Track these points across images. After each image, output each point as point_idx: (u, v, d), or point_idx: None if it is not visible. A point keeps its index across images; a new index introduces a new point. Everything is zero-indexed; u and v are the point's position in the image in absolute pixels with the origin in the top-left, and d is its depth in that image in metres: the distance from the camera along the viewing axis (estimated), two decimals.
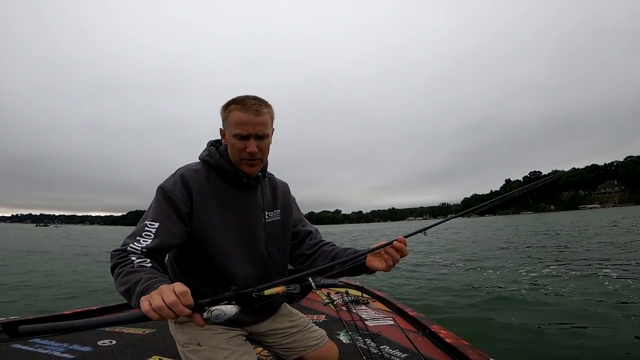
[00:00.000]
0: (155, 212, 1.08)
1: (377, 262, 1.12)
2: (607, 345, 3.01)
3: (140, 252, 0.99)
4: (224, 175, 1.20)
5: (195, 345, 1.12)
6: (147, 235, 1.03)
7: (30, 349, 2.11)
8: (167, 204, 1.09)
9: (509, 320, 3.83)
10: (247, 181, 1.21)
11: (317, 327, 1.41)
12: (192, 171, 1.17)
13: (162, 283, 0.85)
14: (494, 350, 3.01)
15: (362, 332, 2.23)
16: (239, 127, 1.11)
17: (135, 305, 0.85)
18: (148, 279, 0.88)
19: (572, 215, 62.79)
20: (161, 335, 2.37)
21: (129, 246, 1.00)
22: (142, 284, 0.87)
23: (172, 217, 1.08)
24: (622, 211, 58.80)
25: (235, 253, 1.18)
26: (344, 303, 2.93)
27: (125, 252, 0.99)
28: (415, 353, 1.90)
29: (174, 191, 1.10)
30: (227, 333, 1.17)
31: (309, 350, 1.30)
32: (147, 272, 0.93)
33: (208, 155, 1.21)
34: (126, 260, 0.97)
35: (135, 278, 0.90)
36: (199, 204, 1.13)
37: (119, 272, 0.95)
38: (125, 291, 0.90)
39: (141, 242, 1.01)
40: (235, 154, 1.15)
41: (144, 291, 0.85)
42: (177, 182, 1.13)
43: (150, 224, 1.05)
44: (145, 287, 0.85)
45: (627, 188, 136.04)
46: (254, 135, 1.12)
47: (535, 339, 3.24)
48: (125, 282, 0.91)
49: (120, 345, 2.19)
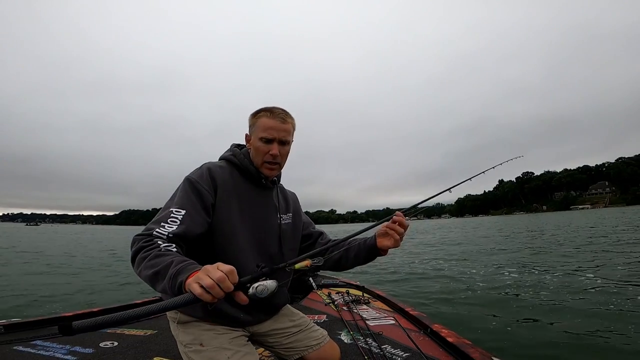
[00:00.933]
0: (182, 200, 1.11)
1: (386, 241, 1.22)
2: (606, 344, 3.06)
3: (166, 237, 0.99)
4: (246, 174, 1.28)
5: (197, 346, 1.12)
6: (172, 221, 1.04)
7: (33, 350, 2.11)
8: (193, 193, 1.13)
9: (509, 319, 3.87)
10: (265, 182, 1.29)
11: (318, 327, 1.42)
12: (218, 166, 1.24)
13: (194, 265, 0.86)
14: (496, 348, 3.05)
15: (364, 331, 2.25)
16: (266, 131, 1.21)
17: (166, 288, 0.85)
18: (180, 262, 0.87)
19: (561, 215, 63.51)
20: (163, 336, 2.37)
21: (154, 231, 1.00)
22: (174, 266, 0.86)
23: (197, 206, 1.11)
24: (610, 212, 59.60)
25: (249, 249, 1.22)
26: (345, 303, 2.96)
27: (151, 237, 0.99)
28: (416, 352, 1.92)
29: (200, 182, 1.15)
30: (229, 333, 1.17)
31: (310, 350, 1.31)
32: (175, 255, 0.92)
33: (232, 155, 1.30)
34: (152, 244, 0.96)
35: (166, 261, 0.88)
36: (222, 197, 1.18)
37: (144, 255, 0.93)
38: (154, 274, 0.88)
39: (166, 227, 1.01)
40: (259, 157, 1.24)
41: (177, 273, 0.83)
42: (204, 173, 1.18)
43: (176, 211, 1.07)
44: (178, 270, 0.84)
45: (618, 189, 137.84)
46: (278, 140, 1.23)
47: (535, 338, 3.28)
48: (153, 265, 0.90)
49: (122, 346, 2.19)
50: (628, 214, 41.50)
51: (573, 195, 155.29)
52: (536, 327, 3.56)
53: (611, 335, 3.25)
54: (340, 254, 1.32)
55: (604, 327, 3.45)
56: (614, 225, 20.33)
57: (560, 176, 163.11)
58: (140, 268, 0.92)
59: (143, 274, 0.91)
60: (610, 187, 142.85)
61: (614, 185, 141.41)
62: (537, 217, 62.60)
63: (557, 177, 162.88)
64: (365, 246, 1.27)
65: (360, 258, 1.30)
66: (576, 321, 3.68)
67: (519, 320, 3.82)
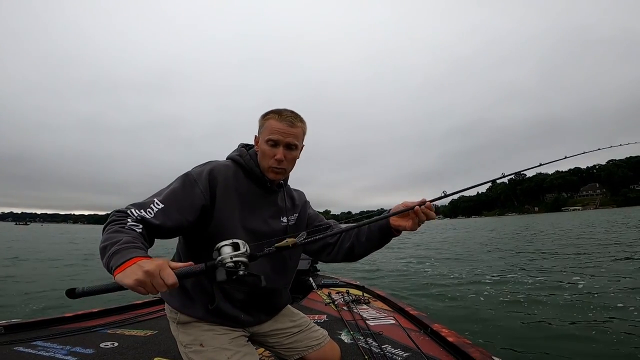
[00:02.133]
0: (168, 195, 1.08)
1: (403, 222, 1.13)
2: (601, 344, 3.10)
3: (135, 218, 1.00)
4: (251, 175, 1.24)
5: (197, 346, 1.12)
6: (149, 211, 1.03)
7: (33, 351, 2.10)
8: (183, 190, 1.10)
9: (508, 320, 3.91)
10: (270, 185, 1.26)
11: (318, 327, 1.42)
12: (222, 165, 1.21)
13: (137, 250, 0.85)
14: (495, 348, 3.08)
15: (364, 331, 2.26)
16: (272, 133, 1.17)
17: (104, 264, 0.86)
18: (126, 242, 0.87)
19: (551, 217, 64.19)
20: (163, 336, 2.36)
21: (129, 210, 1.01)
22: (118, 244, 0.86)
23: (180, 204, 1.08)
24: (599, 214, 60.43)
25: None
26: (345, 303, 2.97)
27: (124, 214, 1.00)
28: (417, 352, 1.93)
29: (197, 180, 1.12)
30: (229, 334, 1.17)
31: (310, 350, 1.30)
32: (131, 235, 0.92)
33: (239, 155, 1.26)
34: (121, 221, 0.97)
35: (117, 238, 0.89)
36: (221, 197, 1.15)
37: (109, 228, 0.95)
38: (102, 248, 0.88)
39: (142, 212, 1.01)
40: (265, 160, 1.20)
41: (116, 252, 0.83)
42: (204, 173, 1.15)
43: (157, 203, 1.05)
44: (117, 250, 0.84)
45: (609, 191, 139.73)
46: (284, 144, 1.19)
47: (535, 337, 3.32)
48: (107, 238, 0.90)
49: (122, 347, 2.19)
50: (616, 216, 42.04)
51: (564, 196, 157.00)
52: (536, 328, 3.60)
53: (610, 334, 3.30)
54: (351, 241, 1.27)
55: (603, 327, 3.50)
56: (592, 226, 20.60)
57: (552, 178, 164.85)
58: (102, 239, 0.92)
59: (100, 245, 0.90)
60: (600, 189, 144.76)
61: (604, 187, 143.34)
62: (528, 219, 63.22)
63: (549, 179, 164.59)
64: (377, 227, 1.20)
65: (374, 241, 1.23)
66: (576, 321, 3.72)
67: (519, 321, 3.86)
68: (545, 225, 29.26)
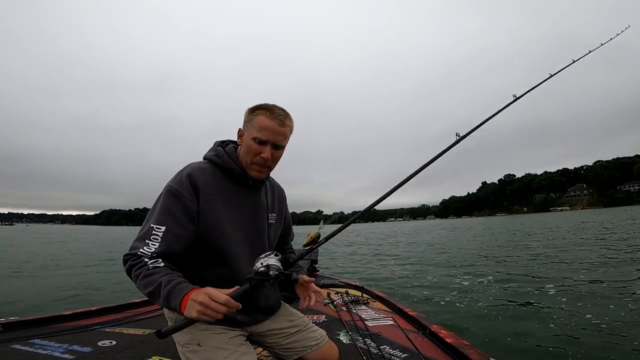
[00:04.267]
0: (161, 215, 1.08)
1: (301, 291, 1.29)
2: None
3: (149, 256, 1.04)
4: (231, 175, 1.22)
5: (195, 346, 1.11)
6: (154, 239, 1.05)
7: (30, 349, 2.08)
8: (174, 205, 1.10)
9: (507, 320, 3.95)
10: (252, 182, 1.23)
11: (317, 327, 1.40)
12: (198, 169, 1.17)
13: (180, 284, 0.97)
14: (493, 349, 3.10)
15: (362, 332, 2.26)
16: (261, 131, 1.14)
17: (163, 305, 0.99)
18: (168, 282, 0.97)
19: (539, 217, 65.11)
20: None
21: (139, 250, 1.04)
22: (164, 287, 0.96)
23: (178, 218, 1.09)
24: (584, 214, 61.54)
25: (241, 252, 1.20)
26: (344, 303, 2.98)
27: (137, 256, 1.04)
28: (415, 353, 1.93)
29: (181, 190, 1.11)
30: (227, 333, 1.17)
31: (309, 351, 1.29)
32: (163, 273, 1.01)
33: (216, 155, 1.23)
34: (140, 263, 1.02)
35: (155, 282, 0.98)
36: (205, 201, 1.14)
37: (137, 274, 1.01)
38: (149, 294, 0.99)
39: (150, 246, 1.05)
40: (248, 156, 1.18)
41: (168, 295, 0.94)
42: (184, 180, 1.13)
43: (157, 228, 1.06)
44: (168, 291, 0.95)
45: (596, 191, 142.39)
46: (272, 143, 1.16)
47: (534, 338, 3.34)
48: (146, 284, 0.99)
49: (120, 345, 2.18)
50: (602, 216, 42.83)
51: (552, 197, 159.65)
52: (535, 329, 3.62)
53: (610, 334, 3.34)
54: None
55: (603, 327, 3.54)
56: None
57: (540, 179, 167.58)
58: (137, 286, 1.01)
59: (143, 292, 1.01)
60: (588, 190, 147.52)
61: (591, 188, 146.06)
62: (517, 219, 64.04)
63: (538, 180, 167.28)
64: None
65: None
66: (576, 321, 3.76)
67: (517, 322, 3.88)
68: (537, 225, 29.68)
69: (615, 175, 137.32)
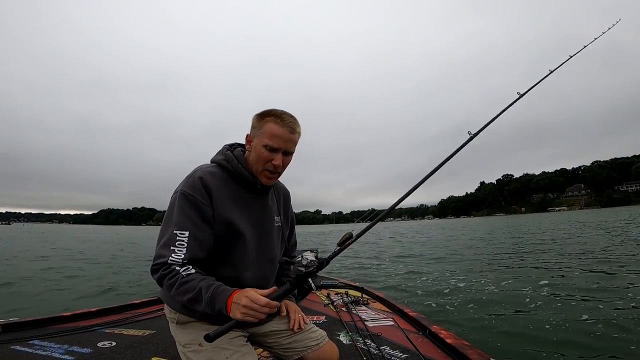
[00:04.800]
0: (182, 220, 1.09)
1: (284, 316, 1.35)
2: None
3: (180, 263, 1.06)
4: (240, 179, 1.23)
5: (196, 346, 1.12)
6: (180, 244, 1.07)
7: (30, 350, 2.08)
8: (191, 209, 1.10)
9: (507, 321, 3.96)
10: (261, 187, 1.25)
11: (317, 327, 1.41)
12: (209, 173, 1.18)
13: (221, 287, 1.03)
14: (494, 350, 3.11)
15: (362, 332, 2.27)
16: (272, 139, 1.15)
17: (206, 310, 1.03)
18: (208, 287, 1.02)
19: (537, 217, 65.25)
20: (161, 336, 2.35)
21: (168, 259, 1.06)
22: (205, 292, 1.01)
23: (198, 222, 1.10)
24: (582, 214, 61.69)
25: (253, 253, 1.22)
26: (344, 304, 2.98)
27: (167, 265, 1.05)
28: (415, 353, 1.93)
29: (195, 194, 1.11)
30: (228, 334, 1.15)
31: (309, 351, 1.29)
32: (199, 279, 1.05)
33: (225, 160, 1.23)
34: (172, 272, 1.05)
35: (195, 287, 1.02)
36: (218, 204, 1.15)
37: (171, 283, 1.04)
38: (190, 301, 1.03)
39: (178, 253, 1.06)
40: (259, 163, 1.19)
41: (212, 299, 1.00)
42: (197, 183, 1.13)
43: (180, 233, 1.08)
44: (211, 296, 1.01)
45: (593, 192, 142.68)
46: (283, 151, 1.18)
47: (534, 339, 3.35)
48: (185, 292, 1.03)
49: (120, 346, 2.17)
50: (600, 216, 42.97)
51: (550, 197, 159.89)
52: (535, 329, 3.63)
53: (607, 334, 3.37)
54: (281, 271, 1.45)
55: (602, 327, 3.56)
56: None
57: (538, 179, 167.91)
58: (173, 294, 1.05)
59: (179, 299, 1.06)
60: (585, 190, 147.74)
61: (589, 188, 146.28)
62: (515, 219, 64.16)
63: (536, 180, 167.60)
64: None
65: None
66: (576, 322, 3.77)
67: (517, 323, 3.89)
68: (535, 225, 29.76)
69: (613, 176, 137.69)
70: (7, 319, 2.49)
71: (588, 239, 13.65)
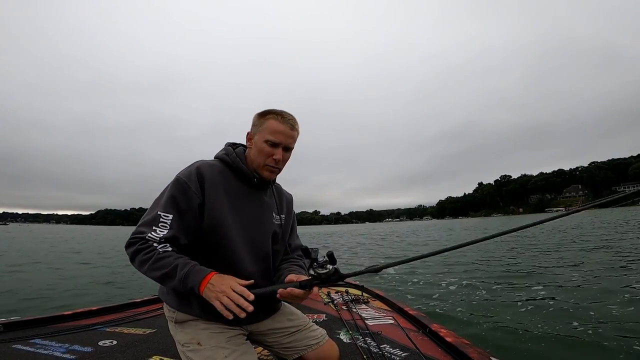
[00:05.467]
0: (168, 204, 1.13)
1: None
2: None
3: (159, 240, 1.07)
4: (238, 173, 1.26)
5: (195, 345, 1.12)
6: (162, 225, 1.09)
7: (31, 349, 2.07)
8: (181, 195, 1.14)
9: (507, 320, 3.96)
10: (258, 182, 1.27)
11: (317, 326, 1.40)
12: (208, 165, 1.22)
13: (199, 268, 1.04)
14: (494, 348, 3.11)
15: (363, 331, 2.26)
16: (273, 134, 1.20)
17: (177, 287, 1.04)
18: (184, 264, 1.03)
19: (534, 217, 65.08)
20: (162, 335, 2.35)
21: (147, 235, 1.07)
22: (181, 269, 1.02)
23: (184, 209, 1.13)
24: (579, 215, 61.68)
25: (242, 248, 1.21)
26: (344, 302, 2.98)
27: (145, 240, 1.07)
28: (415, 352, 1.93)
29: (188, 182, 1.15)
30: (227, 332, 1.17)
31: (309, 350, 1.28)
32: (176, 256, 1.06)
33: (225, 154, 1.28)
34: (149, 247, 1.06)
35: (170, 264, 1.03)
36: (210, 195, 1.17)
37: (146, 258, 1.04)
38: (163, 276, 1.03)
39: (158, 232, 1.08)
40: (261, 159, 1.23)
41: (186, 277, 1.01)
42: (192, 172, 1.17)
43: (164, 215, 1.11)
44: (186, 273, 1.02)
45: (591, 192, 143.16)
46: (284, 146, 1.23)
47: (534, 338, 3.36)
48: (159, 267, 1.03)
49: (121, 345, 2.17)
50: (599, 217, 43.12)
51: (548, 198, 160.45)
52: (535, 329, 3.63)
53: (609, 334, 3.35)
54: (280, 272, 1.31)
55: (602, 327, 3.56)
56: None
57: (536, 179, 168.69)
58: (145, 269, 1.05)
59: (150, 275, 1.05)
60: (583, 190, 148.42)
61: (586, 189, 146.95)
62: (513, 219, 64.31)
63: (534, 181, 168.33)
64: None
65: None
66: (576, 322, 3.77)
67: (517, 321, 3.90)
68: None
69: (610, 177, 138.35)
70: (8, 318, 2.48)
71: (586, 239, 13.70)
